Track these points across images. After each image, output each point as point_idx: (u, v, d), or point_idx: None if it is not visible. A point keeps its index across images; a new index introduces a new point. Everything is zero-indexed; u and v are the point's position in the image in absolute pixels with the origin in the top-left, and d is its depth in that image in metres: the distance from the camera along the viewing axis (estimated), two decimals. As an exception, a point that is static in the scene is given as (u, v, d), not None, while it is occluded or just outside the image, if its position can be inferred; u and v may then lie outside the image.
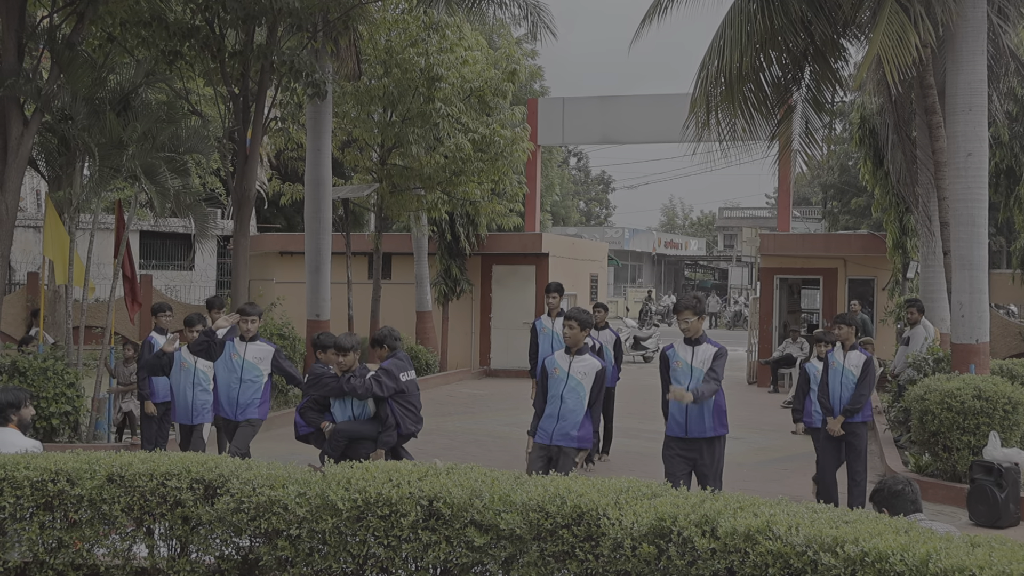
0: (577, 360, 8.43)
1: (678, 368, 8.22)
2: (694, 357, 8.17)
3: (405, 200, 21.04)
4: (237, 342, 9.93)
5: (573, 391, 8.34)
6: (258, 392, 9.94)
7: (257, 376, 9.94)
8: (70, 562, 5.69)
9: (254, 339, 10.01)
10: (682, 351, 8.25)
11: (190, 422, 10.53)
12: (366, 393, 8.86)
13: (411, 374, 9.25)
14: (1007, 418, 10.86)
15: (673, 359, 8.27)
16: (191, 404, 10.47)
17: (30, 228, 28.23)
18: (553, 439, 8.39)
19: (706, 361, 8.12)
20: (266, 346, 10.09)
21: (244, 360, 9.90)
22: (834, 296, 23.17)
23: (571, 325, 8.40)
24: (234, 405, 9.87)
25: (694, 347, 8.20)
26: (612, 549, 4.58)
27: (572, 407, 8.34)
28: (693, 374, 8.13)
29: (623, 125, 28.06)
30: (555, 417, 8.37)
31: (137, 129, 13.63)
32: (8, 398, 6.83)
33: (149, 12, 14.36)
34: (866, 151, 20.14)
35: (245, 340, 9.96)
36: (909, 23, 12.22)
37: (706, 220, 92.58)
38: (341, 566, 5.14)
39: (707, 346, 8.21)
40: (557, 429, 8.37)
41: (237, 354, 9.89)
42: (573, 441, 8.34)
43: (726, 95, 14.47)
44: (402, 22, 19.56)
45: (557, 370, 8.46)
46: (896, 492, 5.50)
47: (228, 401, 9.90)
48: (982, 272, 12.33)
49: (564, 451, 8.37)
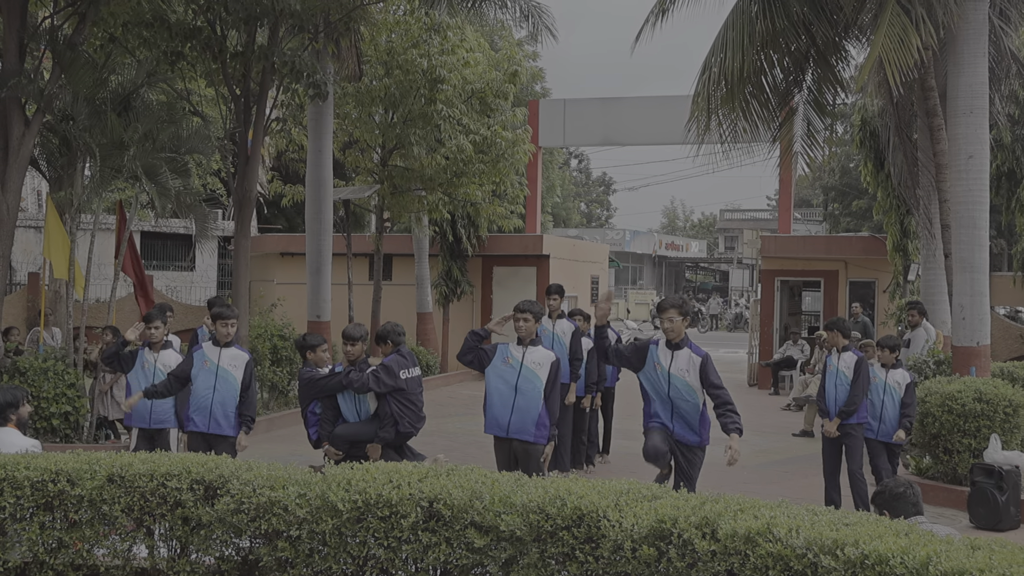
0: (531, 351, 8.38)
1: (656, 371, 7.85)
2: (673, 363, 7.79)
3: (406, 201, 21.05)
4: (209, 347, 9.14)
5: (528, 381, 8.28)
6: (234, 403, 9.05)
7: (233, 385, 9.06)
8: (70, 562, 5.69)
9: (228, 345, 9.15)
10: (662, 354, 7.85)
11: (147, 425, 9.54)
12: (363, 388, 8.70)
13: (413, 371, 8.98)
14: (1008, 421, 10.86)
15: (651, 358, 7.92)
16: (149, 405, 9.42)
17: (31, 228, 28.24)
18: (511, 432, 8.30)
19: (688, 371, 7.73)
20: (242, 353, 9.24)
21: (219, 367, 9.04)
22: (835, 298, 23.16)
23: (525, 318, 8.38)
24: (207, 417, 8.95)
25: (674, 352, 7.81)
26: (612, 551, 4.58)
27: (528, 398, 8.27)
28: (672, 382, 7.77)
29: (624, 127, 28.06)
30: (509, 408, 8.29)
31: (138, 130, 13.64)
32: (6, 398, 6.84)
33: (151, 13, 14.35)
34: (867, 153, 20.13)
35: (219, 346, 9.12)
36: (911, 25, 12.22)
37: (707, 222, 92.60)
38: (341, 567, 5.14)
39: (688, 352, 7.80)
40: (514, 422, 8.28)
41: (210, 361, 9.05)
42: (531, 436, 8.28)
43: (727, 97, 14.47)
44: (403, 23, 19.57)
45: (510, 359, 8.38)
46: (897, 494, 5.50)
47: (200, 413, 8.98)
48: (983, 275, 12.33)
49: (527, 448, 8.28)
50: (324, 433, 8.94)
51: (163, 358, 9.48)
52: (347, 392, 8.90)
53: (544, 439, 8.40)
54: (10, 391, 6.97)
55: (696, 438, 7.90)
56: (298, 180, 22.46)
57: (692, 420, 7.85)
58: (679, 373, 7.77)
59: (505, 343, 8.64)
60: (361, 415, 8.97)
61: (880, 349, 9.85)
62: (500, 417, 8.37)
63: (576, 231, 59.17)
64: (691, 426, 7.87)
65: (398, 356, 8.89)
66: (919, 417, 11.20)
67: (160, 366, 9.38)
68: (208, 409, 8.94)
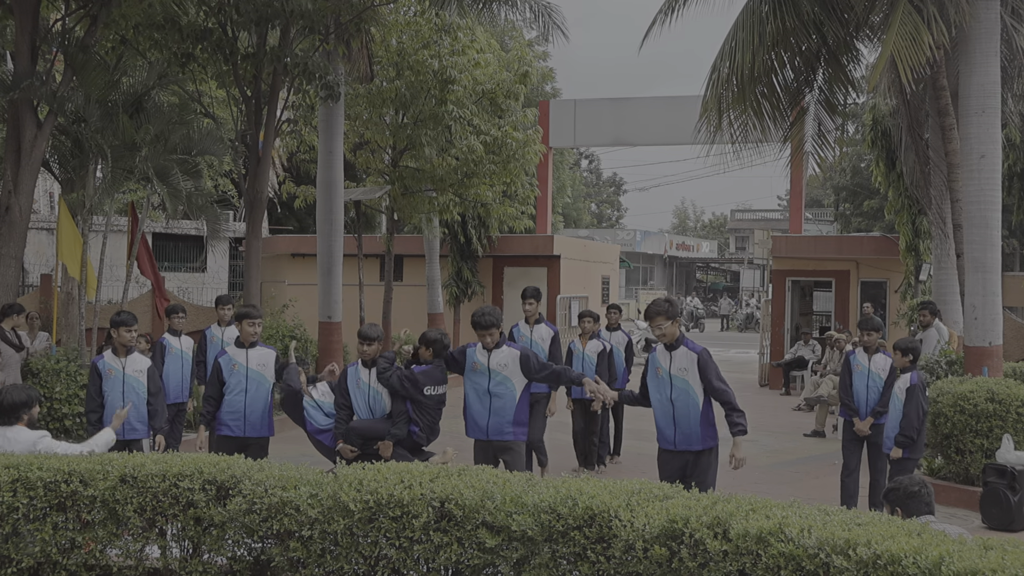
0: (495, 353, 8.44)
1: (658, 375, 7.84)
2: (672, 363, 7.75)
3: (417, 202, 21.06)
4: (235, 350, 9.17)
5: (499, 384, 8.40)
6: (266, 403, 9.21)
7: (264, 386, 9.21)
8: (83, 563, 5.71)
9: (254, 345, 9.23)
10: (662, 358, 7.82)
11: (121, 436, 8.58)
12: (389, 380, 8.73)
13: (439, 389, 8.89)
14: (1020, 421, 10.82)
15: (653, 365, 7.91)
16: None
17: (43, 230, 28.33)
18: (490, 435, 8.48)
19: (687, 369, 7.67)
20: (268, 351, 9.37)
21: (248, 369, 9.12)
22: (846, 299, 23.11)
23: (491, 333, 8.38)
24: (242, 422, 9.08)
25: (672, 352, 7.76)
26: (624, 551, 4.57)
27: (502, 399, 8.42)
28: (673, 383, 7.72)
29: (635, 127, 28.04)
30: (487, 412, 8.46)
31: (150, 131, 13.69)
32: (20, 397, 6.91)
33: (162, 14, 14.39)
34: (879, 153, 20.07)
35: (245, 347, 9.20)
36: (922, 24, 12.19)
37: (718, 222, 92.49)
38: (353, 567, 5.14)
39: (685, 351, 7.73)
40: (492, 424, 8.46)
41: (239, 364, 9.13)
42: (510, 435, 8.44)
43: (738, 97, 14.46)
44: (414, 24, 19.58)
45: (477, 364, 8.47)
46: (912, 493, 5.51)
47: (234, 417, 9.08)
48: (995, 275, 12.28)
49: (509, 446, 8.46)
50: (339, 432, 8.98)
51: (253, 358, 9.24)
52: (360, 389, 8.93)
53: (524, 435, 8.57)
54: (24, 391, 7.04)
55: (699, 444, 7.72)
56: (309, 181, 22.51)
57: (694, 422, 7.69)
58: (679, 373, 7.72)
59: (473, 343, 8.68)
60: (376, 414, 8.97)
61: (895, 351, 9.80)
62: (479, 420, 8.55)
63: (587, 232, 59.13)
64: (693, 430, 7.71)
65: (432, 371, 8.81)
66: (931, 417, 11.15)
67: (130, 372, 8.95)
68: (242, 413, 9.07)
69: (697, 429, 7.69)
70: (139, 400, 8.92)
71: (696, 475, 7.65)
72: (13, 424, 6.82)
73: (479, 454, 8.60)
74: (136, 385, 8.93)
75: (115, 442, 7.55)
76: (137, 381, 8.94)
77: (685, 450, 7.74)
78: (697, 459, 7.74)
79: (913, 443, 9.20)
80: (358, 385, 8.97)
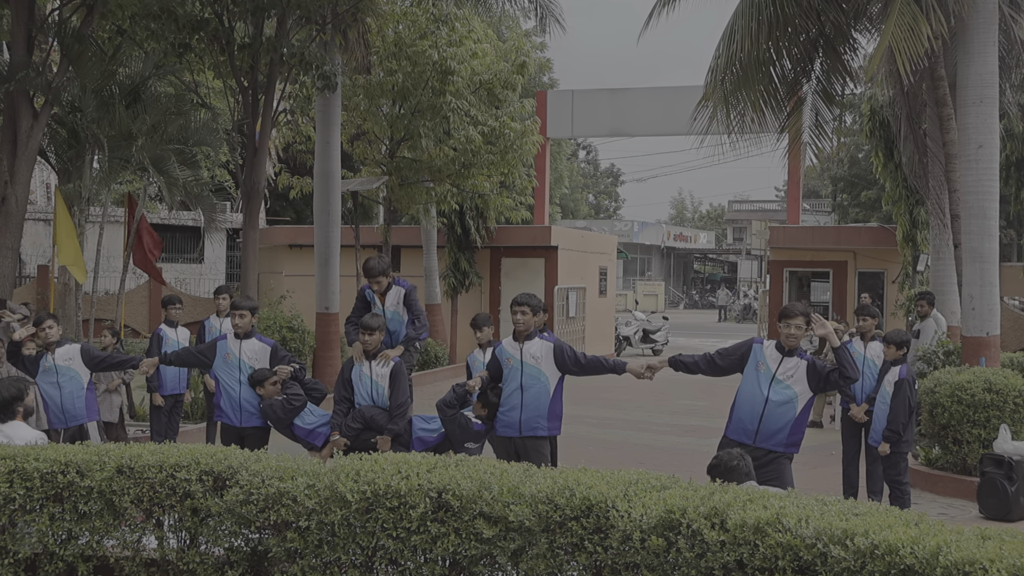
0: (528, 345, 8.25)
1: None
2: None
3: (414, 193, 21.04)
4: (231, 339, 9.17)
5: (532, 377, 8.17)
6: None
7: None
8: (80, 554, 5.70)
9: (248, 336, 9.17)
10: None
11: (65, 425, 9.42)
12: (449, 422, 8.62)
13: (473, 447, 8.68)
14: (1017, 411, 10.83)
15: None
16: (60, 404, 9.37)
17: (40, 221, 28.30)
18: (523, 431, 8.19)
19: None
20: (263, 344, 9.23)
21: (240, 360, 9.09)
22: (844, 289, 23.13)
23: (523, 311, 8.26)
24: (238, 411, 9.10)
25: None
26: (621, 541, 4.57)
27: (534, 393, 8.17)
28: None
29: (632, 117, 28.03)
30: (519, 408, 8.18)
31: (146, 121, 13.67)
32: (11, 392, 6.81)
33: (158, 4, 14.34)
34: (877, 143, 20.08)
35: (239, 338, 9.15)
36: (921, 14, 12.17)
37: (715, 213, 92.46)
38: (350, 558, 5.14)
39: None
40: (525, 420, 8.18)
41: (232, 354, 9.12)
42: (544, 431, 8.20)
43: (736, 87, 14.43)
44: (411, 15, 19.54)
45: (510, 359, 8.27)
46: (732, 467, 5.98)
47: (230, 406, 9.12)
48: (992, 265, 12.29)
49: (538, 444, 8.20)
50: (337, 423, 8.92)
51: (60, 355, 9.41)
52: (363, 378, 8.89)
53: (557, 430, 8.35)
54: (13, 384, 6.94)
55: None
56: (306, 172, 22.48)
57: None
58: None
59: (499, 343, 8.60)
60: (377, 402, 8.92)
61: (887, 345, 9.80)
62: (510, 419, 8.25)
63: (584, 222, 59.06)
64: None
65: (482, 434, 8.63)
66: (927, 408, 11.17)
67: (60, 363, 9.34)
68: (237, 402, 9.09)
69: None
70: (76, 388, 9.39)
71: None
72: (10, 420, 6.78)
73: (500, 451, 8.40)
74: (71, 374, 9.36)
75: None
76: (71, 371, 9.34)
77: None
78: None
79: (900, 437, 9.23)
80: (360, 377, 8.94)
